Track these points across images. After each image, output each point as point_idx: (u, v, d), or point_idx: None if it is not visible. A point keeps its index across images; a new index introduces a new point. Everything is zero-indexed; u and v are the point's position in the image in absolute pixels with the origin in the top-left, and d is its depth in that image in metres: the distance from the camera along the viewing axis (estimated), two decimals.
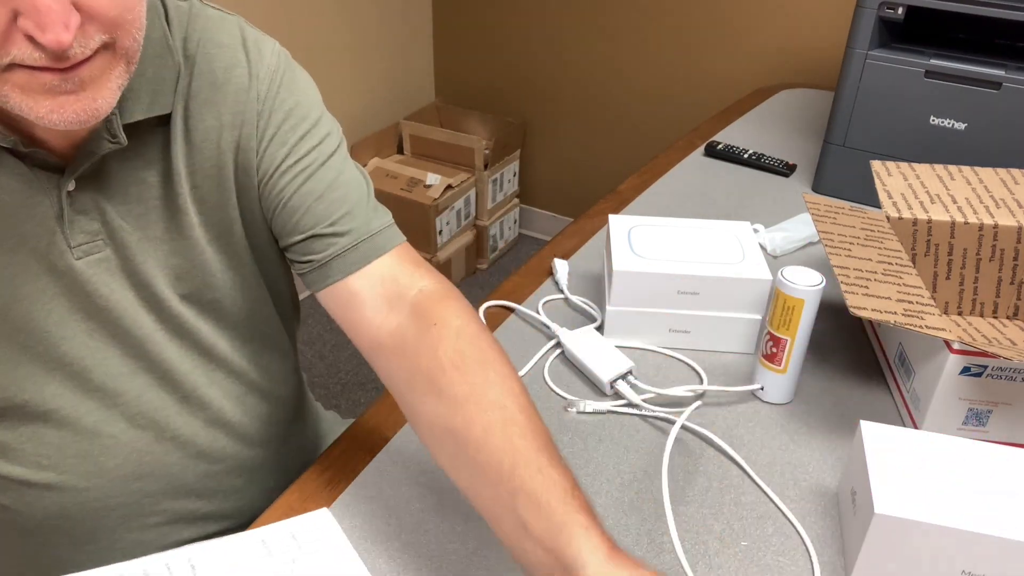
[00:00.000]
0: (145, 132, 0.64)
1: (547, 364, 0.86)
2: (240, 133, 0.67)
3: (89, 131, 0.61)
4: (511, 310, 0.95)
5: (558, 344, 0.88)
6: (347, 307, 0.68)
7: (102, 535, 0.73)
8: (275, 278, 0.77)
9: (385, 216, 0.70)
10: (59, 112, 0.53)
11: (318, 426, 0.95)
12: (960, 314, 0.95)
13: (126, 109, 0.62)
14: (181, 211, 0.67)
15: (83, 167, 0.62)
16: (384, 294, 0.67)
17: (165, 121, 0.65)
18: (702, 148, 1.40)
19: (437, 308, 0.65)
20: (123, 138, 0.62)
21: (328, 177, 0.69)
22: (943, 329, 0.70)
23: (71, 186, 0.62)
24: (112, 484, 0.71)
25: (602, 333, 0.90)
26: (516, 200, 2.61)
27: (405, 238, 0.71)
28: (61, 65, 0.51)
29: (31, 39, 0.49)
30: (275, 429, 0.83)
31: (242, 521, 0.81)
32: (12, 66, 0.51)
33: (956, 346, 0.71)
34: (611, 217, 0.95)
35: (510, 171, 2.51)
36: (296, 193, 0.68)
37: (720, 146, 1.38)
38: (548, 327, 0.91)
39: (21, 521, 0.71)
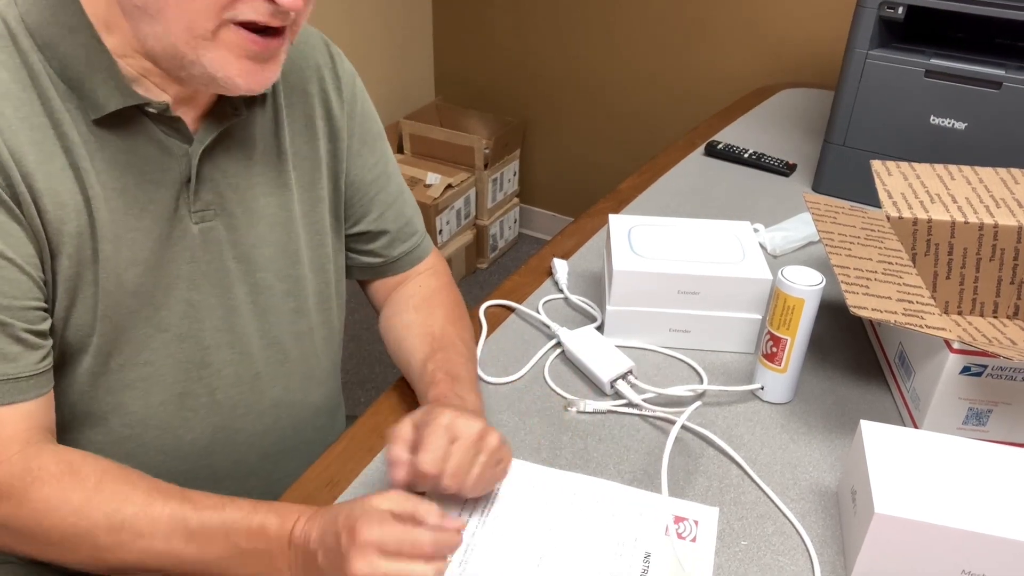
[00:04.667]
0: (253, 112, 0.71)
1: (547, 364, 0.86)
2: (331, 127, 0.77)
3: (213, 105, 0.67)
4: (511, 310, 0.95)
5: (558, 344, 0.88)
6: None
7: None
8: (338, 257, 0.83)
9: None
10: (245, 77, 0.59)
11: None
12: (960, 314, 0.95)
13: None
14: (286, 187, 0.74)
15: (211, 136, 0.66)
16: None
17: (263, 103, 0.72)
18: (702, 148, 1.40)
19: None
20: (243, 111, 0.69)
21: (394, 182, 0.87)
22: (943, 329, 0.70)
23: (197, 156, 0.66)
24: (186, 459, 0.72)
25: (602, 333, 0.90)
26: (516, 200, 2.61)
27: None
28: (276, 23, 0.58)
29: None
30: (322, 418, 0.85)
31: None
32: (228, 24, 0.57)
33: (956, 346, 0.71)
34: (611, 217, 0.95)
35: (510, 170, 2.51)
36: (376, 192, 0.83)
37: (720, 146, 1.38)
38: (548, 327, 0.91)
39: None
